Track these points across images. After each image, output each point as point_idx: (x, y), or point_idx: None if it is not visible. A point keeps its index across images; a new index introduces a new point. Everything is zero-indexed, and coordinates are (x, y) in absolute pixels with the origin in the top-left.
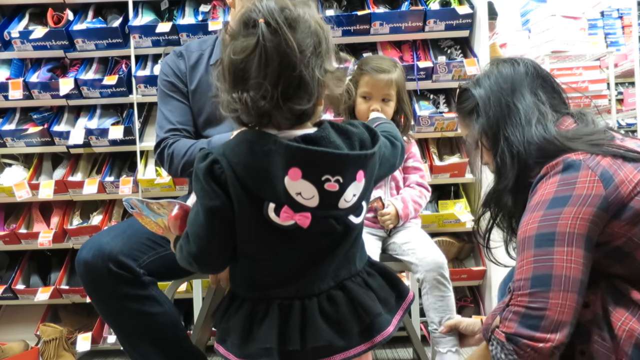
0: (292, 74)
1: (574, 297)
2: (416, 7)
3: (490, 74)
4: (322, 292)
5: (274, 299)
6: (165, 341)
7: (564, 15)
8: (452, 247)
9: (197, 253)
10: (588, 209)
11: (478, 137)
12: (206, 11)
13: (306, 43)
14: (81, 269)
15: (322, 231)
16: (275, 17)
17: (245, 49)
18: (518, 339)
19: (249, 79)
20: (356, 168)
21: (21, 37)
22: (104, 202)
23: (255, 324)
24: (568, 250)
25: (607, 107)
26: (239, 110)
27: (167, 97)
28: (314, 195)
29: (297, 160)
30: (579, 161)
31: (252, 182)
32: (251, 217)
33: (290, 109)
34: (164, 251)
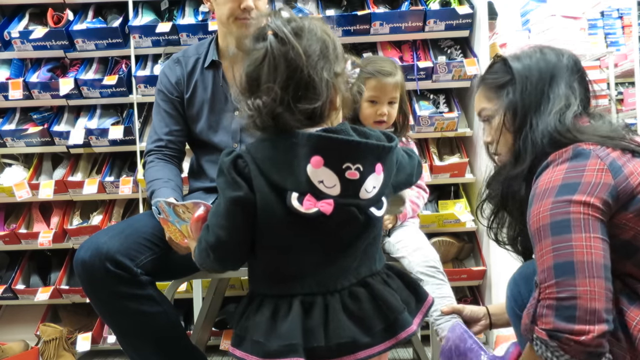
0: (299, 76)
1: (601, 282)
2: (416, 7)
3: (533, 54)
4: (344, 289)
5: (296, 295)
6: (164, 341)
7: (564, 15)
8: (452, 247)
9: (215, 243)
10: (598, 196)
11: (502, 114)
12: (206, 11)
13: (312, 48)
14: (79, 268)
15: (344, 220)
16: (282, 29)
17: (256, 60)
18: (559, 334)
19: (260, 86)
20: (374, 159)
21: (21, 37)
22: (104, 202)
23: (279, 320)
24: (586, 235)
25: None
26: (253, 115)
27: (158, 107)
28: (335, 183)
29: (318, 148)
30: (588, 150)
31: (275, 174)
32: (274, 207)
33: (300, 109)
34: (162, 251)
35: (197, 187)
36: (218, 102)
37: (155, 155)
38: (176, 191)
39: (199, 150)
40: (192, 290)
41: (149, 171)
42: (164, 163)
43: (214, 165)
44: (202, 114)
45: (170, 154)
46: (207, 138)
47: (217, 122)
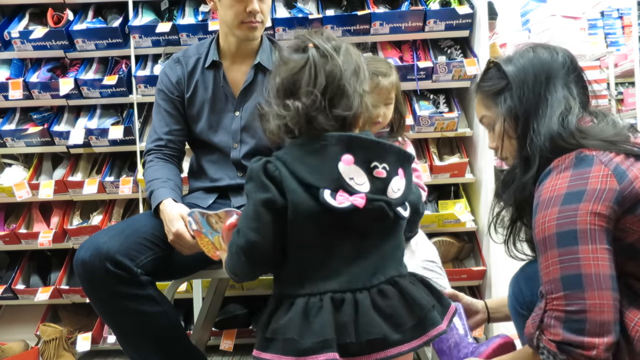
0: (337, 84)
1: (609, 294)
2: (416, 7)
3: (526, 54)
4: (374, 286)
5: (325, 292)
6: (164, 341)
7: (564, 15)
8: (452, 247)
9: (246, 245)
10: (604, 203)
11: (502, 121)
12: (206, 11)
13: (348, 64)
14: (79, 268)
15: (375, 216)
16: (323, 44)
17: (296, 67)
18: (570, 348)
19: (299, 89)
20: (397, 162)
21: (21, 37)
22: (104, 202)
23: (311, 317)
24: (593, 247)
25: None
26: (287, 117)
27: (158, 107)
28: (365, 181)
29: (349, 147)
30: (591, 156)
31: (307, 174)
32: (307, 205)
33: (334, 114)
34: (162, 251)
35: (197, 187)
36: (219, 102)
37: (155, 154)
38: (175, 191)
39: (199, 150)
40: (192, 290)
41: (149, 171)
42: (164, 162)
43: (214, 165)
44: (203, 113)
45: (170, 153)
46: (207, 138)
47: (217, 122)
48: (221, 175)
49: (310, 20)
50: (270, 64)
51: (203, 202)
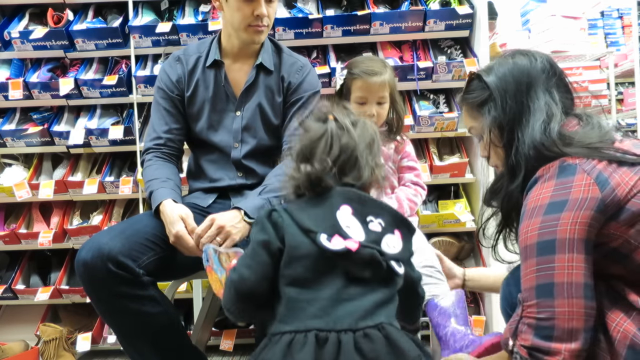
0: (350, 155)
1: (580, 302)
2: (416, 7)
3: (505, 63)
4: (359, 329)
5: (311, 329)
6: (164, 341)
7: (564, 15)
8: (452, 247)
9: (238, 279)
10: (586, 212)
11: (488, 131)
12: (206, 11)
13: (363, 137)
14: (80, 269)
15: (368, 261)
16: (342, 117)
17: (315, 136)
18: (538, 354)
19: (314, 156)
20: (393, 223)
21: (21, 37)
22: (104, 202)
23: (295, 352)
24: (569, 256)
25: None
26: (298, 179)
27: (157, 104)
28: (360, 231)
29: (349, 199)
30: (574, 164)
31: (307, 220)
32: (303, 246)
33: (344, 182)
34: (163, 251)
35: (196, 188)
36: (219, 102)
37: (154, 153)
38: (175, 191)
39: (198, 149)
40: (192, 290)
41: (148, 170)
42: (162, 162)
43: (213, 165)
44: (203, 112)
45: (169, 152)
46: (207, 137)
47: (218, 122)
48: (221, 175)
49: (310, 20)
50: (271, 64)
51: (203, 202)
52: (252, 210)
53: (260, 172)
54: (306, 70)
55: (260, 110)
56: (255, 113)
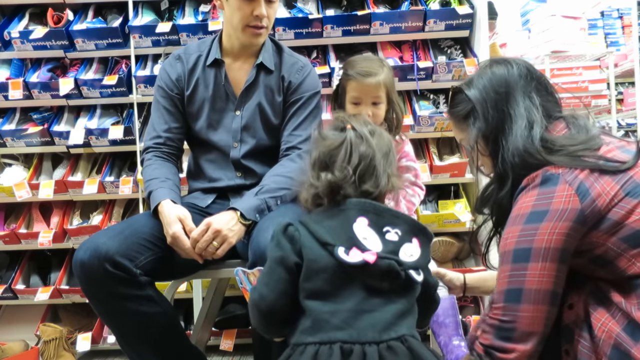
0: (368, 163)
1: (544, 308)
2: (416, 7)
3: (484, 74)
4: (384, 341)
5: (336, 341)
6: (163, 341)
7: (564, 15)
8: (452, 247)
9: (258, 298)
10: (564, 223)
11: (474, 142)
12: (206, 11)
13: (380, 146)
14: (78, 269)
15: (386, 272)
16: (359, 127)
17: (334, 144)
18: (493, 352)
19: (334, 164)
20: (410, 231)
21: (21, 37)
22: (104, 202)
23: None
24: (542, 265)
25: (607, 107)
26: (319, 187)
27: (157, 103)
28: (377, 242)
29: (365, 211)
30: (557, 174)
31: (324, 234)
32: (321, 260)
33: (362, 190)
34: (161, 252)
35: (196, 188)
36: (219, 101)
37: (154, 153)
38: (174, 191)
39: (197, 148)
40: (192, 290)
41: (147, 170)
42: (162, 161)
43: (212, 165)
44: (203, 112)
45: (168, 151)
46: (207, 136)
47: (217, 121)
48: (220, 175)
49: (310, 20)
50: (272, 63)
51: (202, 202)
52: (248, 211)
53: (260, 172)
54: (307, 71)
55: (260, 110)
56: (255, 113)
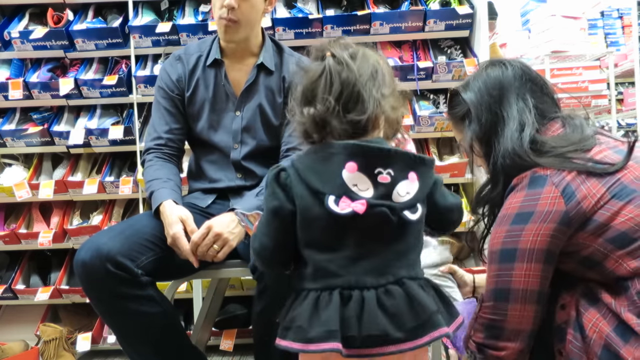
0: (351, 90)
1: (532, 307)
2: (416, 7)
3: (479, 77)
4: (381, 285)
5: (336, 287)
6: (164, 341)
7: (564, 15)
8: (452, 247)
9: (259, 248)
10: (549, 225)
11: (470, 143)
12: (206, 11)
13: (364, 69)
14: (79, 269)
15: (378, 221)
16: (340, 52)
17: (314, 76)
18: (485, 349)
19: (316, 97)
20: (406, 167)
21: (21, 37)
22: (104, 202)
23: (320, 309)
24: (527, 265)
25: (607, 107)
26: (305, 123)
27: (158, 104)
28: (368, 187)
29: (353, 155)
30: (544, 176)
31: (315, 181)
32: (314, 210)
33: (348, 119)
34: (162, 252)
35: (196, 188)
36: (219, 101)
37: (155, 153)
38: (175, 191)
39: (199, 149)
40: (192, 290)
41: (148, 170)
42: (163, 162)
43: (213, 166)
44: (203, 112)
45: (169, 152)
46: (207, 137)
47: (217, 122)
48: (220, 176)
49: (310, 20)
50: (272, 64)
51: (202, 203)
52: (249, 211)
53: (260, 173)
54: None
55: (261, 111)
56: (255, 113)
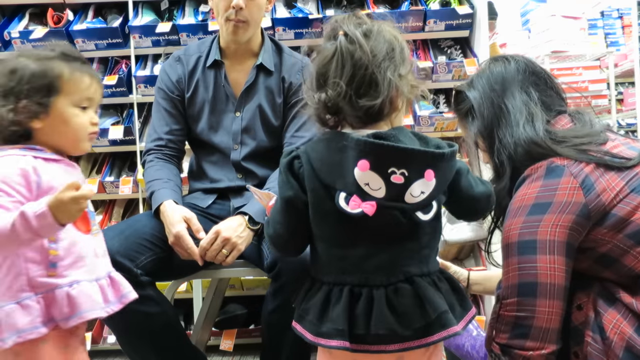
0: (364, 73)
1: (559, 304)
2: (416, 7)
3: (483, 73)
4: (391, 284)
5: (346, 284)
6: (163, 341)
7: (564, 15)
8: (452, 248)
9: (273, 236)
10: (568, 216)
11: (475, 139)
12: (206, 11)
13: (379, 49)
14: None
15: (387, 222)
16: (352, 30)
17: (326, 57)
18: (511, 350)
19: (327, 80)
20: (423, 165)
21: (21, 37)
22: (104, 202)
23: (331, 306)
24: (550, 258)
25: (607, 107)
26: (318, 109)
27: (158, 105)
28: (381, 186)
29: (365, 153)
30: (562, 166)
31: (326, 174)
32: (325, 204)
33: (361, 105)
34: (162, 252)
35: (196, 188)
36: (219, 102)
37: (155, 154)
38: (176, 191)
39: (199, 150)
40: (192, 290)
41: (149, 171)
42: (163, 163)
43: (214, 166)
44: (203, 113)
45: (170, 153)
46: (207, 138)
47: (217, 123)
48: (220, 176)
49: (310, 20)
50: (272, 64)
51: (202, 203)
52: (257, 214)
53: (260, 174)
54: None
55: (260, 112)
56: (255, 114)
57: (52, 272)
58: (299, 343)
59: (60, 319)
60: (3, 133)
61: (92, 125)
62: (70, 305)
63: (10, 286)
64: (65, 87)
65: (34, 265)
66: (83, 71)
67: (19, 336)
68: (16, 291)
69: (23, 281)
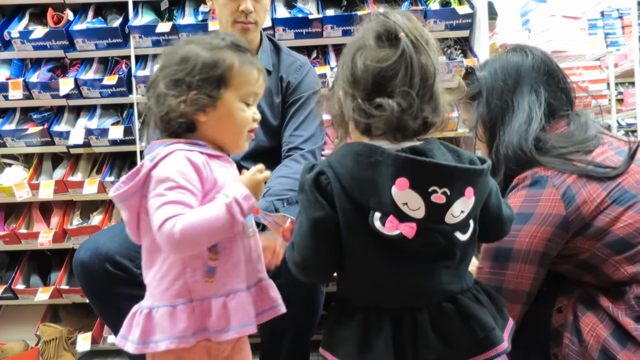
0: (429, 84)
1: (518, 307)
2: (416, 7)
3: (498, 59)
4: (433, 306)
5: (385, 310)
6: None
7: (564, 15)
8: None
9: (301, 262)
10: (547, 228)
11: (475, 125)
12: (206, 11)
13: (437, 61)
14: (78, 269)
15: (426, 244)
16: (414, 34)
17: (386, 59)
18: None
19: (392, 87)
20: (465, 183)
21: (21, 37)
22: (104, 202)
23: (372, 336)
24: (521, 267)
25: (607, 107)
26: (378, 117)
27: None
28: (420, 206)
29: (405, 170)
30: (546, 177)
31: (358, 193)
32: (357, 226)
33: (423, 119)
34: None
35: None
36: None
37: None
38: None
39: None
40: None
41: None
42: None
43: None
44: None
45: None
46: None
47: None
48: None
49: (310, 20)
50: (270, 64)
51: None
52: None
53: None
54: (305, 70)
55: (259, 112)
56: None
57: (210, 278)
58: (299, 343)
59: (214, 331)
60: (170, 125)
61: (253, 121)
62: (226, 317)
63: (168, 287)
64: (234, 80)
65: (193, 269)
66: (252, 64)
67: (171, 342)
68: (173, 294)
69: (181, 284)
